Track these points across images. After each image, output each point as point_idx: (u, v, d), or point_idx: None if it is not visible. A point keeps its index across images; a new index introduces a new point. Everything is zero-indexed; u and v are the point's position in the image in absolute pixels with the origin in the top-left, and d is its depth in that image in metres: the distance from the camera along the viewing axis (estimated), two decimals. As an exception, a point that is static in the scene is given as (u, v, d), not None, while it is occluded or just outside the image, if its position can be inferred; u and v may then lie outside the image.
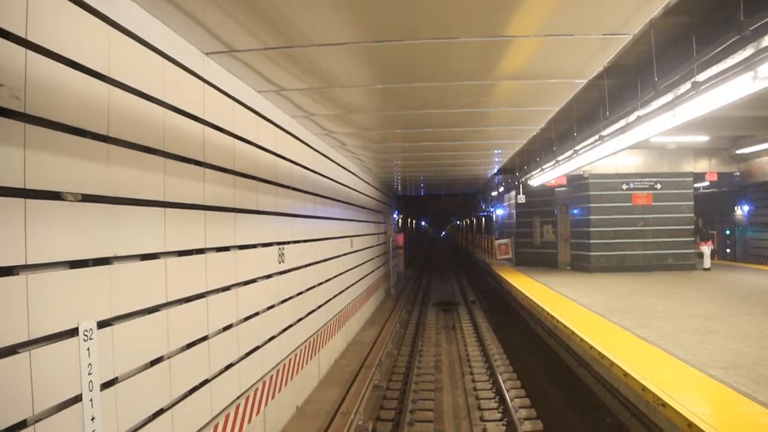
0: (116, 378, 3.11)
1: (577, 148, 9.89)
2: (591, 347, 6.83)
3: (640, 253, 15.44)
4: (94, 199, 2.97)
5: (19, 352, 2.42)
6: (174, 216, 3.85)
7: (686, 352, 6.31)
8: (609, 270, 15.23)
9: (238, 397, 4.88)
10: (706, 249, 15.38)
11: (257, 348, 5.44)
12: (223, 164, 4.72)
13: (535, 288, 12.58)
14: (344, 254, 10.53)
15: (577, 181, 15.93)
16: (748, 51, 4.76)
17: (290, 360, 6.50)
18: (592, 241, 15.56)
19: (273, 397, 5.81)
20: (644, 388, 5.19)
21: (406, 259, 28.61)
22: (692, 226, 15.58)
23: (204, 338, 4.27)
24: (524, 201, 17.14)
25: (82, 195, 2.88)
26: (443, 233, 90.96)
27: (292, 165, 6.90)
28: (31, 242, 2.53)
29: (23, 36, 2.50)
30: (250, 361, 5.22)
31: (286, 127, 6.61)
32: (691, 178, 15.77)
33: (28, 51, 2.53)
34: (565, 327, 8.07)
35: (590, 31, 4.11)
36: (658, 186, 15.56)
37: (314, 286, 7.95)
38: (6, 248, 2.40)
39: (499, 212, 25.52)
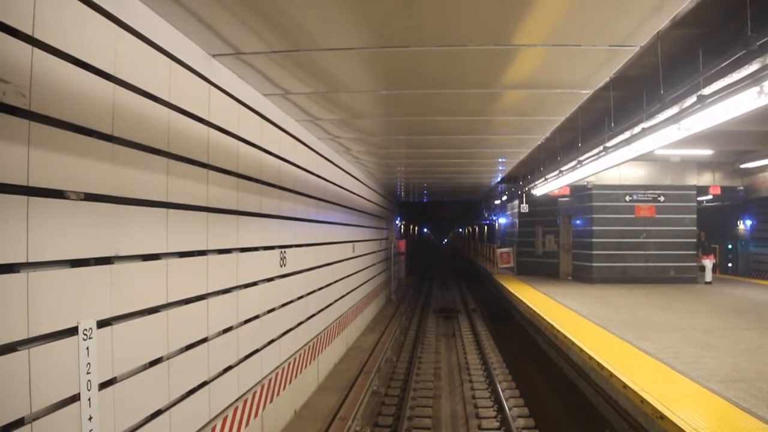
0: (115, 378, 3.10)
1: (581, 158, 9.89)
2: (590, 358, 6.80)
3: (642, 265, 15.39)
4: (97, 198, 2.97)
5: (18, 350, 2.42)
6: (177, 217, 3.85)
7: (686, 365, 6.28)
8: (610, 281, 15.19)
9: (237, 400, 4.87)
10: (708, 263, 15.35)
11: (257, 351, 5.43)
12: (227, 166, 4.72)
13: (535, 297, 12.55)
14: (346, 259, 10.51)
15: (580, 191, 15.91)
16: (755, 66, 4.76)
17: (289, 363, 6.48)
18: (594, 252, 15.53)
19: (271, 401, 5.79)
20: (643, 400, 5.17)
21: (407, 265, 28.56)
22: (694, 240, 15.54)
23: (204, 340, 4.26)
24: (527, 210, 17.12)
25: (85, 194, 2.88)
26: (445, 240, 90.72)
27: (296, 169, 6.91)
28: (33, 240, 2.53)
29: (30, 33, 2.50)
30: (249, 364, 5.20)
31: (290, 131, 6.61)
32: (695, 191, 15.74)
33: (35, 48, 2.54)
34: (565, 337, 8.05)
35: (597, 42, 4.11)
36: (662, 198, 15.53)
37: (315, 290, 7.94)
38: (7, 246, 2.40)
39: (502, 221, 25.49)
